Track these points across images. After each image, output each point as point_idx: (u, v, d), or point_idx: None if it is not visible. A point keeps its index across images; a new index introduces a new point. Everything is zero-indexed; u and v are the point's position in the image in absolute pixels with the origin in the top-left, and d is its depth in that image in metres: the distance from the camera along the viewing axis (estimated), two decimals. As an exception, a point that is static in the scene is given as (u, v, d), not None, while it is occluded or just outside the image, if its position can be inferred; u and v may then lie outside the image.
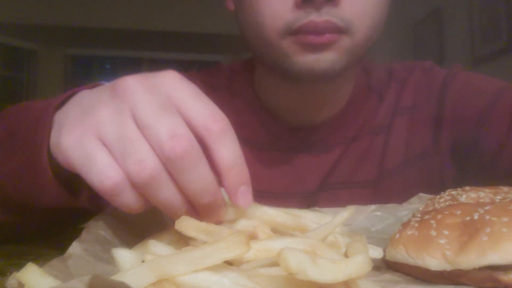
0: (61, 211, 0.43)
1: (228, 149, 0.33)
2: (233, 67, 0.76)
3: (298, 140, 0.67)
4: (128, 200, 0.32)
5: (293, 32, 0.54)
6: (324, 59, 0.55)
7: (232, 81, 0.73)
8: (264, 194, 0.63)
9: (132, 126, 0.32)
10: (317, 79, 0.57)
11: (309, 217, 0.37)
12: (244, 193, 0.35)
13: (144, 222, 0.43)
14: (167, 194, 0.32)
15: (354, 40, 0.56)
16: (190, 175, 0.32)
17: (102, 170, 0.32)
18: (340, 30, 0.54)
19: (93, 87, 0.39)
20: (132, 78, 0.34)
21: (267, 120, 0.69)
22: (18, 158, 0.41)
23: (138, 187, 0.32)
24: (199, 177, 0.32)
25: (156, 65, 4.97)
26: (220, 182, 0.35)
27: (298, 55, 0.55)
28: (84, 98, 0.37)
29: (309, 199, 0.65)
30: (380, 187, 0.66)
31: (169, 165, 0.32)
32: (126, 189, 0.32)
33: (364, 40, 0.57)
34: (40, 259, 0.38)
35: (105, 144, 0.32)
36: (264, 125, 0.69)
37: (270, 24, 0.55)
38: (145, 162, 0.31)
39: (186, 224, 0.31)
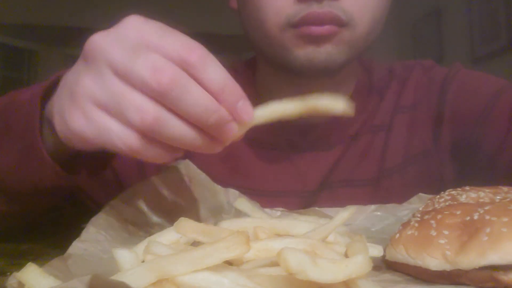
0: (59, 195, 0.45)
1: (214, 73, 0.34)
2: (235, 66, 0.76)
3: (299, 139, 0.67)
4: (152, 152, 0.34)
5: (294, 25, 0.55)
6: (324, 51, 0.55)
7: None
8: (265, 193, 0.63)
9: (115, 81, 0.33)
10: (317, 72, 0.57)
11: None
12: (244, 108, 0.36)
13: (144, 222, 0.43)
14: (177, 129, 0.33)
15: (355, 33, 0.56)
16: (186, 100, 0.32)
17: (119, 135, 0.33)
18: (341, 23, 0.54)
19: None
20: (96, 35, 0.35)
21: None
22: (15, 151, 0.43)
23: (147, 134, 0.33)
24: (196, 99, 0.32)
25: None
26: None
27: (298, 48, 0.56)
28: (67, 80, 0.37)
29: (309, 197, 0.65)
30: (380, 186, 0.66)
31: (164, 100, 0.32)
32: (145, 142, 0.33)
33: (365, 34, 0.57)
34: (40, 259, 0.38)
35: (103, 109, 0.33)
36: (265, 125, 0.69)
37: (272, 18, 0.56)
38: (143, 108, 0.32)
39: (185, 226, 0.31)
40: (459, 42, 3.12)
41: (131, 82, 0.33)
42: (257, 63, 0.71)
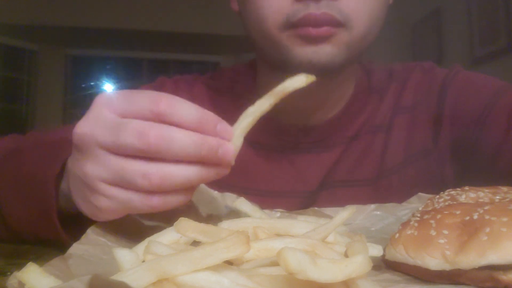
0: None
1: (186, 112, 0.36)
2: (236, 69, 0.76)
3: (299, 140, 0.68)
4: (173, 201, 0.37)
5: (293, 25, 0.55)
6: (323, 52, 0.55)
7: (235, 84, 0.73)
8: (265, 194, 0.63)
9: (111, 158, 0.36)
10: (316, 72, 0.57)
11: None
12: (222, 129, 0.38)
13: (142, 230, 0.43)
14: (183, 174, 0.36)
15: (352, 34, 0.56)
16: (176, 147, 0.35)
17: (141, 201, 0.36)
18: (338, 24, 0.54)
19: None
20: (79, 126, 0.38)
21: (269, 120, 0.69)
22: (27, 207, 0.45)
23: (160, 190, 0.36)
24: (182, 141, 0.36)
25: (156, 65, 4.97)
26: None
27: (297, 47, 0.56)
28: (71, 169, 0.41)
29: (309, 198, 0.65)
30: (380, 186, 0.66)
31: (157, 155, 0.36)
32: (164, 197, 0.37)
33: (363, 35, 0.57)
34: (40, 258, 0.38)
35: (116, 185, 0.37)
36: (265, 125, 0.69)
37: (271, 18, 0.56)
38: (146, 172, 0.35)
39: (185, 226, 0.31)
40: (459, 43, 3.12)
41: (124, 153, 0.36)
42: (258, 66, 0.71)
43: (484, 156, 0.62)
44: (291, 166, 0.67)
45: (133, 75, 4.94)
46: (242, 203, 0.43)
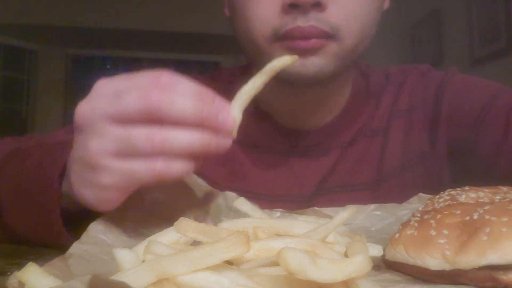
0: None
1: (183, 86, 0.37)
2: (234, 70, 0.76)
3: (295, 144, 0.67)
4: (176, 168, 0.37)
5: (280, 37, 0.54)
6: (311, 64, 0.55)
7: (232, 85, 0.73)
8: (262, 197, 0.63)
9: (114, 128, 0.37)
10: (306, 83, 0.57)
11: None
12: (221, 103, 0.39)
13: (143, 226, 0.43)
14: (184, 138, 0.37)
15: (342, 45, 0.55)
16: (177, 107, 0.36)
17: (144, 167, 0.37)
18: (327, 36, 0.54)
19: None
20: (79, 106, 0.39)
21: (265, 123, 0.69)
22: (30, 215, 0.45)
23: (162, 154, 0.36)
24: (183, 104, 0.37)
25: (156, 65, 4.96)
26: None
27: None
28: (75, 158, 0.41)
29: (306, 202, 0.65)
30: (378, 190, 0.66)
31: (161, 115, 0.36)
32: (166, 162, 0.37)
33: (353, 46, 0.57)
34: (40, 258, 0.38)
35: (120, 157, 0.37)
36: (262, 129, 0.69)
37: (259, 29, 0.56)
38: (149, 135, 0.36)
39: (185, 226, 0.31)
40: (459, 44, 3.12)
41: (127, 121, 0.36)
42: (253, 70, 0.71)
43: (482, 158, 0.62)
44: (287, 169, 0.67)
45: (133, 75, 4.93)
46: (242, 203, 0.43)
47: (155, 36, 4.34)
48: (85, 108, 0.38)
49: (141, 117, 0.36)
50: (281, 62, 0.43)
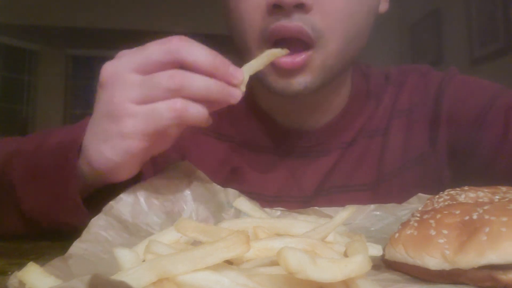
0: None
1: (196, 55, 0.41)
2: None
3: (295, 145, 0.67)
4: (193, 110, 0.41)
5: (267, 38, 0.54)
6: (296, 83, 0.54)
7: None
8: (261, 197, 0.63)
9: (138, 76, 0.41)
10: (291, 99, 0.58)
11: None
12: (235, 71, 0.43)
13: (144, 222, 0.43)
14: (200, 80, 0.41)
15: (326, 53, 0.54)
16: (194, 52, 0.41)
17: (165, 105, 0.40)
18: (310, 40, 0.53)
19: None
20: (105, 64, 0.43)
21: (265, 124, 0.69)
22: (47, 194, 0.46)
23: (181, 92, 0.40)
24: (200, 52, 0.41)
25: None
26: None
27: (270, 75, 0.55)
28: (96, 117, 0.44)
29: (306, 202, 0.65)
30: (378, 190, 0.66)
31: (179, 57, 0.41)
32: (185, 102, 0.41)
33: (337, 53, 0.55)
34: (41, 258, 0.38)
35: (143, 102, 0.41)
36: (262, 129, 0.69)
37: (249, 32, 0.56)
38: (170, 73, 0.41)
39: (185, 225, 0.31)
40: (458, 44, 3.12)
41: (150, 69, 0.41)
42: None
43: (482, 158, 0.62)
44: (287, 170, 0.67)
45: (133, 75, 4.93)
46: (242, 203, 0.43)
47: (155, 36, 4.34)
48: (110, 65, 0.43)
49: (163, 64, 0.41)
50: (273, 53, 0.47)
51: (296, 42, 0.53)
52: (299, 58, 0.52)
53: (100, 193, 0.47)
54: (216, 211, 0.48)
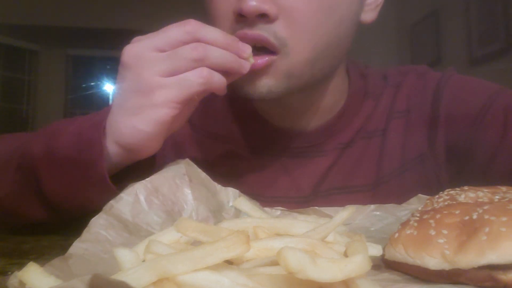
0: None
1: (211, 34, 0.47)
2: None
3: (291, 145, 0.67)
4: (216, 77, 0.47)
5: None
6: (260, 85, 0.54)
7: (228, 86, 0.73)
8: (259, 198, 0.63)
9: (162, 54, 0.46)
10: (256, 100, 0.60)
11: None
12: (243, 48, 0.49)
13: (144, 221, 0.43)
14: (218, 51, 0.47)
15: (291, 61, 0.53)
16: (209, 29, 0.47)
17: (193, 73, 0.45)
18: (273, 48, 0.52)
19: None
20: (126, 47, 0.47)
21: (259, 125, 0.69)
22: (73, 176, 0.48)
23: (204, 62, 0.46)
24: (213, 29, 0.48)
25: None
26: None
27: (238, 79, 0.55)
28: (121, 95, 0.48)
29: (303, 203, 0.65)
30: (377, 191, 0.66)
31: (199, 37, 0.46)
32: (209, 71, 0.46)
33: (305, 62, 0.55)
34: (41, 258, 0.39)
35: (170, 74, 0.46)
36: (257, 130, 0.69)
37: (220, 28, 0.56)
38: (193, 46, 0.46)
39: (185, 225, 0.31)
40: (457, 44, 3.12)
41: (172, 47, 0.45)
42: None
43: (480, 158, 0.62)
44: (283, 171, 0.67)
45: (134, 75, 4.93)
46: (242, 203, 0.44)
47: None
48: (131, 47, 0.47)
49: (183, 43, 0.45)
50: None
51: (263, 49, 0.53)
52: (261, 60, 0.52)
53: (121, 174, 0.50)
54: (217, 211, 0.48)
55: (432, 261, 0.30)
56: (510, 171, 0.59)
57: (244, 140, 0.69)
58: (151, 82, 0.45)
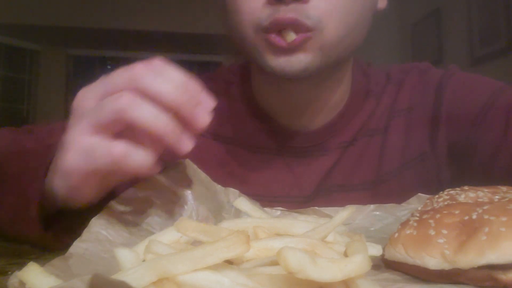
0: None
1: (159, 84, 0.37)
2: (232, 69, 0.76)
3: (295, 145, 0.67)
4: (135, 155, 0.37)
5: (264, 29, 0.55)
6: (296, 60, 0.55)
7: (230, 85, 0.73)
8: (261, 198, 0.63)
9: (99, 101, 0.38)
10: (292, 79, 0.58)
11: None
12: (200, 113, 0.39)
13: (145, 221, 0.43)
14: (148, 110, 0.36)
15: (325, 37, 0.55)
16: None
17: (104, 146, 0.37)
18: (308, 28, 0.54)
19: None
20: (74, 102, 0.40)
21: (264, 124, 0.69)
22: (9, 205, 0.44)
23: (125, 118, 0.36)
24: (149, 113, 0.36)
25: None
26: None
27: (269, 55, 0.56)
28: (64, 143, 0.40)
29: (305, 203, 0.65)
30: (378, 190, 0.66)
31: (138, 85, 0.37)
32: (126, 146, 0.37)
33: (337, 38, 0.56)
34: (41, 258, 0.38)
35: (93, 133, 0.37)
36: (261, 129, 0.69)
37: (246, 20, 0.57)
38: (118, 96, 0.36)
39: (185, 225, 0.31)
40: (459, 43, 3.12)
41: (109, 93, 0.38)
42: (251, 68, 0.71)
43: (482, 157, 0.61)
44: (286, 170, 0.67)
45: (134, 75, 4.93)
46: (242, 203, 0.44)
47: (155, 36, 4.34)
48: (78, 95, 0.40)
49: (122, 89, 0.37)
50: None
51: (296, 27, 0.54)
52: (298, 37, 0.53)
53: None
54: (217, 211, 0.48)
55: (432, 261, 0.30)
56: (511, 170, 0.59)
57: (247, 139, 0.69)
58: (69, 141, 0.38)
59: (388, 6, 0.65)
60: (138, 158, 0.37)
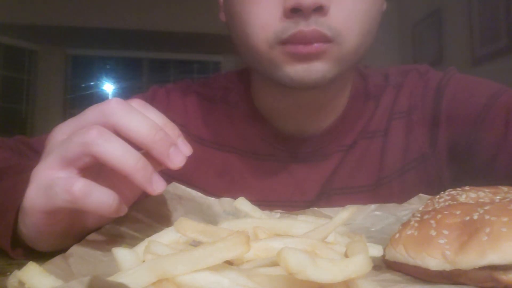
0: None
1: (131, 120, 0.36)
2: (229, 77, 0.75)
3: (296, 150, 0.67)
4: (95, 195, 0.34)
5: (282, 42, 0.54)
6: (315, 69, 0.54)
7: (228, 92, 0.73)
8: (263, 204, 0.63)
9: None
10: (309, 88, 0.57)
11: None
12: (175, 154, 0.37)
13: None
14: (116, 145, 0.35)
15: (343, 49, 0.55)
16: (114, 144, 0.35)
17: (64, 182, 0.35)
18: (328, 40, 0.53)
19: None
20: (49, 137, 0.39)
21: (265, 130, 0.68)
22: None
23: (92, 150, 0.35)
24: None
25: (156, 65, 4.97)
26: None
27: (287, 65, 0.55)
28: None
29: (308, 207, 0.65)
30: (379, 192, 0.66)
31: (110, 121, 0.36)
32: (88, 185, 0.35)
33: (354, 49, 0.56)
34: (41, 258, 0.38)
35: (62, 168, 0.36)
36: (262, 136, 0.69)
37: (259, 34, 0.55)
38: (88, 129, 0.35)
39: (185, 226, 0.31)
40: (459, 43, 3.12)
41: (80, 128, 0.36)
42: (251, 75, 0.71)
43: (482, 158, 0.62)
44: (289, 176, 0.67)
45: (133, 75, 4.94)
46: (242, 203, 0.43)
47: (155, 36, 4.34)
48: (55, 129, 0.39)
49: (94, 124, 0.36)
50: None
51: (318, 39, 0.54)
52: (316, 44, 0.53)
53: None
54: (212, 222, 0.47)
55: (433, 261, 0.30)
56: None
57: (248, 146, 0.69)
58: (34, 176, 0.36)
59: (388, 7, 0.65)
60: (100, 196, 0.34)
